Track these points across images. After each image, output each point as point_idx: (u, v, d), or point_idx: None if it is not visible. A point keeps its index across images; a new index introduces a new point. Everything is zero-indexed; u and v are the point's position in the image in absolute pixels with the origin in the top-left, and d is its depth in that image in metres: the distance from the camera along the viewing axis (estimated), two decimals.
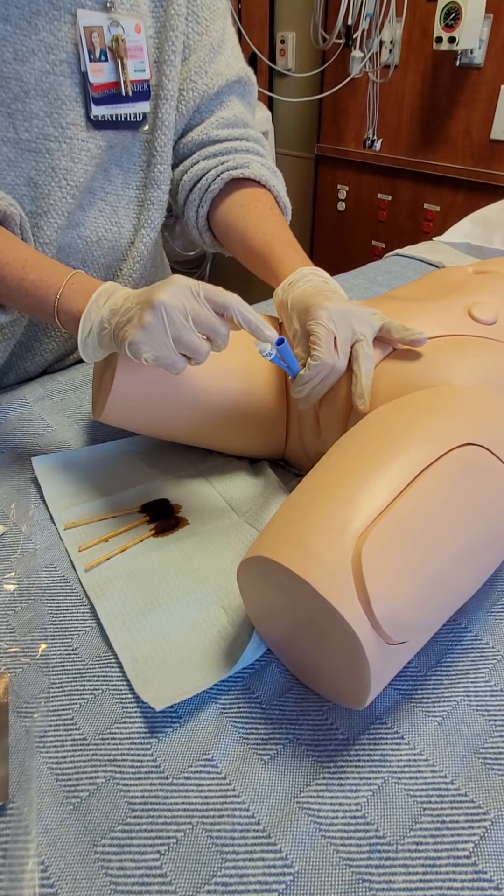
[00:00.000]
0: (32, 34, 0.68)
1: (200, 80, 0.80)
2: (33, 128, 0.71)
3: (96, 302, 0.58)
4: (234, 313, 0.53)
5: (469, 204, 1.99)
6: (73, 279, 0.61)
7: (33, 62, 0.68)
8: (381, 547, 0.42)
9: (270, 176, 0.83)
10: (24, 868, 0.39)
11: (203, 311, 0.53)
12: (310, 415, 0.66)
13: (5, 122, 0.69)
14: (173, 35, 0.76)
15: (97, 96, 0.74)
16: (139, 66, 0.75)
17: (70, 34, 0.70)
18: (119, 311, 0.55)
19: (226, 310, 0.54)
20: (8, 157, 0.71)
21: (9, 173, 0.72)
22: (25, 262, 0.63)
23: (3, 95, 0.68)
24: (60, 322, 0.61)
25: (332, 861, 0.40)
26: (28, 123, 0.71)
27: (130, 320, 0.53)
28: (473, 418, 0.50)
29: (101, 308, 0.57)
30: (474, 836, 0.41)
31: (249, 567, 0.47)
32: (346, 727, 0.48)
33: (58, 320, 0.61)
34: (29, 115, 0.70)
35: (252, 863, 0.40)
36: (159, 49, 0.77)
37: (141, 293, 0.55)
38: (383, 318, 0.61)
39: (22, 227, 0.70)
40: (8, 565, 0.61)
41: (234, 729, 0.47)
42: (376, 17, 1.95)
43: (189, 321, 0.53)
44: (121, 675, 0.51)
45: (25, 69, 0.68)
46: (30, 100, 0.70)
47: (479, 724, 0.47)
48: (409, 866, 0.40)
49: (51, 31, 0.69)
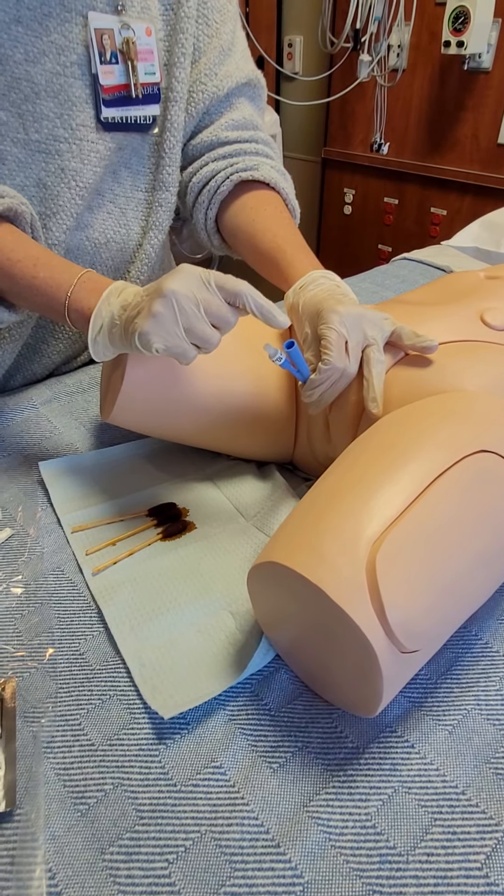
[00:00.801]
0: (44, 35, 0.67)
1: (210, 83, 0.80)
2: (43, 129, 0.71)
3: (107, 300, 0.58)
4: (247, 300, 0.53)
5: (476, 208, 1.99)
6: (84, 277, 0.61)
7: (44, 63, 0.68)
8: (396, 554, 0.41)
9: (280, 178, 0.83)
10: (32, 875, 0.39)
11: (214, 300, 0.53)
12: (320, 419, 0.66)
13: (16, 122, 0.69)
14: (183, 38, 0.76)
15: (107, 98, 0.74)
16: (149, 69, 0.75)
17: (81, 36, 0.70)
18: (129, 305, 0.55)
19: (237, 297, 0.53)
20: (18, 157, 0.71)
21: (18, 174, 0.72)
22: (37, 260, 0.63)
23: (14, 96, 0.68)
24: (71, 320, 0.61)
25: (343, 871, 0.40)
26: (38, 124, 0.71)
27: (140, 311, 0.53)
28: (487, 424, 0.50)
29: (112, 305, 0.57)
30: (486, 848, 0.41)
31: (260, 572, 0.47)
32: (355, 735, 0.47)
33: (68, 319, 0.61)
34: (39, 116, 0.70)
35: (261, 872, 0.40)
36: (169, 51, 0.77)
37: (150, 286, 0.55)
38: (395, 323, 0.60)
39: (33, 226, 0.70)
40: (15, 568, 0.61)
41: (243, 736, 0.47)
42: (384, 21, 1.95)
43: (200, 310, 0.52)
44: (128, 681, 0.51)
45: (36, 70, 0.68)
46: (40, 101, 0.70)
47: (490, 734, 0.47)
48: (419, 877, 0.39)
49: (62, 33, 0.69)
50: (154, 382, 0.61)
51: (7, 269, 0.63)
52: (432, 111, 2.01)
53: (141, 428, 0.67)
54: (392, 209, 2.28)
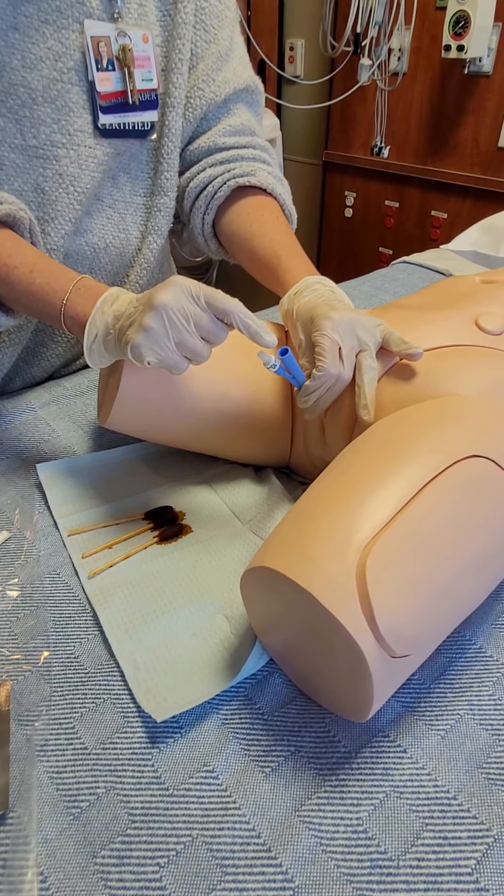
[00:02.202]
0: (40, 42, 0.68)
1: (208, 88, 0.80)
2: (41, 134, 0.71)
3: (101, 308, 0.58)
4: (235, 319, 0.53)
5: (476, 211, 1.99)
6: (80, 284, 0.61)
7: (41, 69, 0.69)
8: (386, 559, 0.42)
9: (277, 184, 0.83)
10: (24, 878, 0.39)
11: (204, 317, 0.53)
12: (315, 423, 0.66)
13: (13, 128, 0.70)
14: (180, 43, 0.77)
15: (104, 105, 0.74)
16: (146, 76, 0.76)
17: (78, 42, 0.70)
18: (122, 315, 0.56)
19: (226, 315, 0.54)
20: (16, 163, 0.72)
21: (16, 179, 0.73)
22: (34, 266, 0.63)
23: (12, 102, 0.69)
24: (67, 327, 0.61)
25: (333, 876, 0.40)
26: (35, 130, 0.71)
27: (133, 323, 0.54)
28: (480, 429, 0.50)
29: (106, 314, 0.57)
30: (477, 853, 0.41)
31: (253, 577, 0.47)
32: (348, 740, 0.47)
33: (65, 325, 0.61)
34: (37, 122, 0.71)
35: (252, 877, 0.40)
36: (167, 57, 0.77)
37: (142, 296, 0.55)
38: (386, 329, 0.60)
39: (32, 231, 0.71)
40: (11, 571, 0.61)
41: (236, 740, 0.47)
42: (385, 25, 1.95)
43: (190, 325, 0.53)
44: (122, 684, 0.51)
45: (33, 76, 0.69)
46: (37, 106, 0.70)
47: (483, 739, 0.47)
48: (410, 882, 0.39)
49: (58, 40, 0.69)
50: (150, 388, 0.62)
51: (4, 275, 0.63)
52: (433, 115, 2.01)
53: (138, 432, 0.67)
54: (393, 212, 2.29)
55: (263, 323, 0.55)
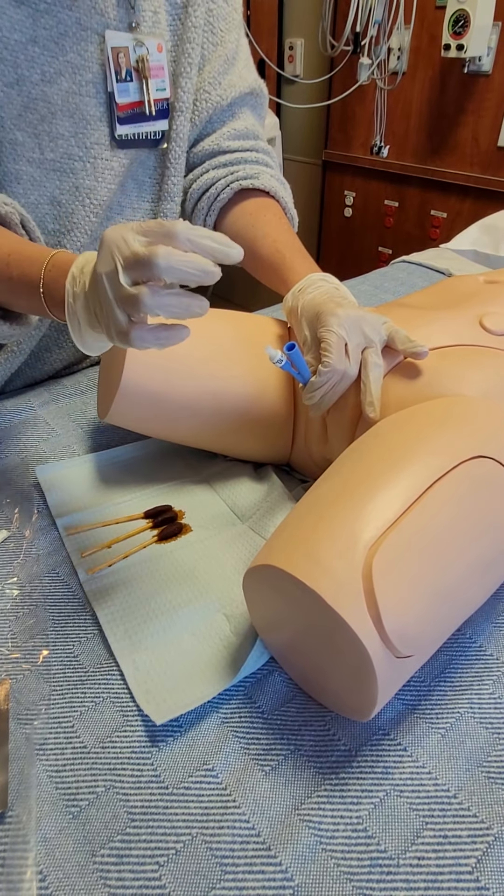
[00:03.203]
0: (60, 55, 0.68)
1: (214, 92, 0.80)
2: (59, 148, 0.71)
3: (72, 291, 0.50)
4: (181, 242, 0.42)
5: (476, 211, 1.99)
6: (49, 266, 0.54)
7: (60, 83, 0.68)
8: (392, 559, 0.41)
9: (279, 187, 0.83)
10: (23, 877, 0.39)
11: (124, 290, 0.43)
12: (317, 421, 0.66)
13: (31, 142, 0.69)
14: (190, 47, 0.77)
15: (122, 116, 0.74)
16: (160, 85, 0.76)
17: (96, 54, 0.70)
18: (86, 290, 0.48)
19: (172, 241, 0.42)
20: (33, 176, 0.71)
21: (32, 192, 0.72)
22: (8, 258, 0.58)
23: (31, 116, 0.68)
24: (56, 318, 0.56)
25: (333, 875, 0.40)
26: (54, 144, 0.71)
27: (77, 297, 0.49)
28: (485, 430, 0.50)
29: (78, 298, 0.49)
30: (477, 852, 0.41)
31: (256, 575, 0.47)
32: (348, 738, 0.47)
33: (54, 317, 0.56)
34: (55, 136, 0.70)
35: (252, 875, 0.40)
36: (176, 62, 0.77)
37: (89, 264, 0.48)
38: (391, 327, 0.60)
39: (25, 227, 0.67)
40: (10, 570, 0.61)
41: (236, 739, 0.47)
42: (384, 24, 1.95)
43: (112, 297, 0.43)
44: (122, 683, 0.51)
45: (53, 90, 0.68)
46: (56, 120, 0.70)
47: (483, 737, 0.47)
48: (410, 881, 0.39)
49: (77, 52, 0.69)
50: (151, 381, 0.61)
51: None
52: (432, 114, 2.01)
53: (138, 427, 0.67)
54: (392, 212, 2.29)
55: (222, 236, 0.43)
